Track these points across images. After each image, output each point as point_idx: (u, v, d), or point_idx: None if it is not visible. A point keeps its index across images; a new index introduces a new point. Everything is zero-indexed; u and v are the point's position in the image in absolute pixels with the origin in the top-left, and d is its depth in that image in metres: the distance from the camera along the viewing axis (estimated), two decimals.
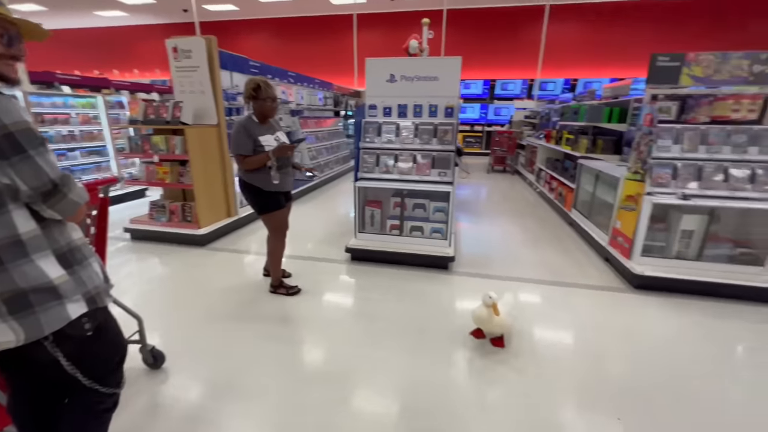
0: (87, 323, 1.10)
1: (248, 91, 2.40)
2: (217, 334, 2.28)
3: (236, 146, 2.38)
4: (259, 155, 2.39)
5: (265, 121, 2.53)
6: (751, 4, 10.28)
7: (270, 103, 2.43)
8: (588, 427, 1.62)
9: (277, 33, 13.25)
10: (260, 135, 2.42)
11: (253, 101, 2.42)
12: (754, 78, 2.74)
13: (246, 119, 2.44)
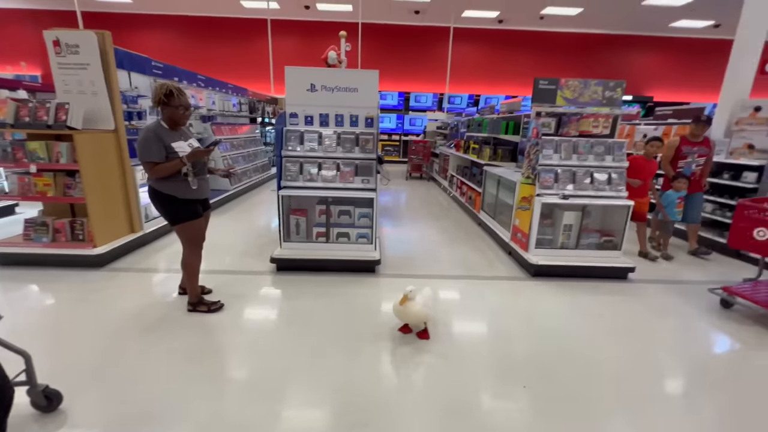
0: None
1: (159, 97, 2.23)
2: (127, 363, 2.04)
3: (146, 153, 2.19)
4: (172, 161, 2.23)
5: (175, 127, 2.37)
6: (605, 43, 12.76)
7: (182, 111, 2.30)
8: (501, 396, 1.88)
9: (182, 32, 12.22)
10: (172, 141, 2.27)
11: (164, 107, 2.26)
12: (605, 101, 3.45)
13: (155, 125, 2.26)
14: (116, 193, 3.51)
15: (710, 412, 1.82)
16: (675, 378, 2.08)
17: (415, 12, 11.18)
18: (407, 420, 1.70)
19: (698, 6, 9.82)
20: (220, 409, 1.74)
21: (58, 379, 1.74)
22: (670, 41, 12.76)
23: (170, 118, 2.30)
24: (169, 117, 2.30)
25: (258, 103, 8.38)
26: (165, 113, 2.29)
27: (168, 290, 2.91)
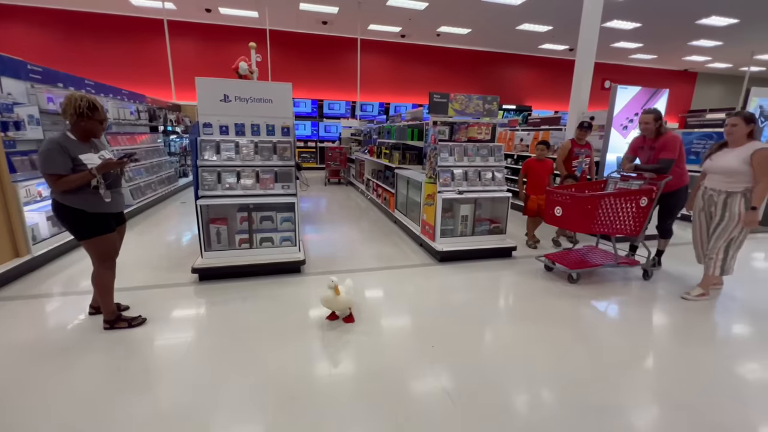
0: None
1: (80, 108, 2.16)
2: (39, 391, 1.95)
3: (50, 165, 2.10)
4: (80, 173, 2.17)
5: (87, 139, 2.31)
6: (492, 59, 14.70)
7: (101, 124, 2.26)
8: (415, 355, 2.28)
9: (59, 29, 10.63)
10: (81, 153, 2.21)
11: (85, 120, 2.19)
12: (485, 112, 4.20)
13: (61, 136, 2.18)
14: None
15: (523, 324, 2.49)
16: (505, 313, 2.75)
17: (323, 23, 11.51)
18: (337, 389, 1.99)
19: (557, 33, 12.01)
20: (169, 414, 1.81)
21: None
22: (540, 60, 15.27)
23: (86, 130, 2.24)
24: (84, 129, 2.23)
25: (159, 110, 7.79)
26: (80, 125, 2.22)
27: (74, 313, 2.72)
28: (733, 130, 2.92)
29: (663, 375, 2.17)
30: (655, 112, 3.48)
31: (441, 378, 2.08)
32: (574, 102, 5.71)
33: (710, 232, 3.15)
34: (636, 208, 3.35)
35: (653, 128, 3.50)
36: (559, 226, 3.65)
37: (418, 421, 1.77)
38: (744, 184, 2.90)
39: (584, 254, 3.82)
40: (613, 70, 15.85)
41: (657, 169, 3.43)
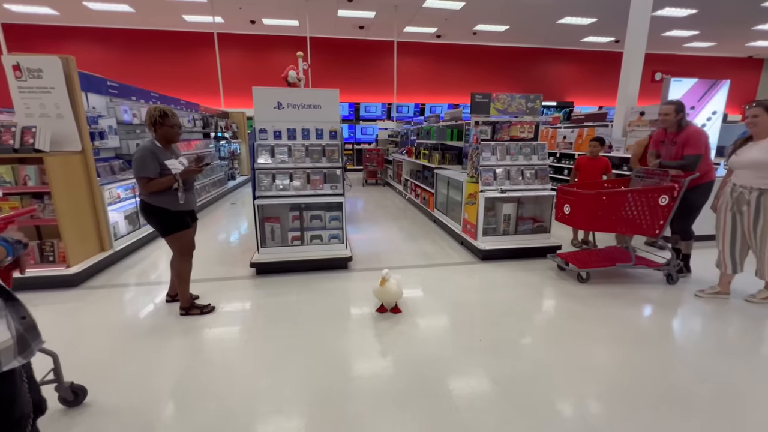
0: None
1: (153, 118, 2.48)
2: (137, 361, 2.25)
3: (142, 169, 2.42)
4: (165, 177, 2.48)
5: (168, 146, 2.62)
6: (530, 55, 14.33)
7: (176, 129, 2.56)
8: (461, 348, 2.37)
9: (119, 46, 11.71)
10: (166, 159, 2.51)
11: (159, 127, 2.50)
12: (528, 111, 4.18)
13: (151, 144, 2.50)
14: (86, 212, 3.56)
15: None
16: (549, 311, 2.73)
17: (359, 27, 11.79)
18: (393, 371, 2.13)
19: (601, 25, 11.50)
20: (238, 384, 2.04)
21: (78, 377, 1.93)
22: (582, 54, 14.66)
23: (164, 136, 2.55)
24: (163, 136, 2.54)
25: (211, 117, 8.38)
26: (159, 132, 2.53)
27: (152, 300, 3.07)
28: (756, 121, 2.72)
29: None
30: (675, 104, 3.25)
31: (490, 369, 2.16)
32: (622, 96, 5.51)
33: (742, 232, 2.90)
34: (654, 206, 3.17)
35: (674, 120, 3.26)
36: (567, 224, 3.55)
37: (469, 405, 1.86)
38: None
39: (602, 254, 3.69)
40: (665, 60, 14.87)
41: (683, 166, 3.23)
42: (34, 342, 1.17)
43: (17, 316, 1.13)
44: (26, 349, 1.13)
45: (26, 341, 1.13)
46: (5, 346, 1.06)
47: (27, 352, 1.13)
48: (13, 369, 1.10)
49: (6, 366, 1.05)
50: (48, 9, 9.98)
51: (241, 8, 10.02)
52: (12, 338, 1.08)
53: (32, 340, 1.15)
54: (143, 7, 9.81)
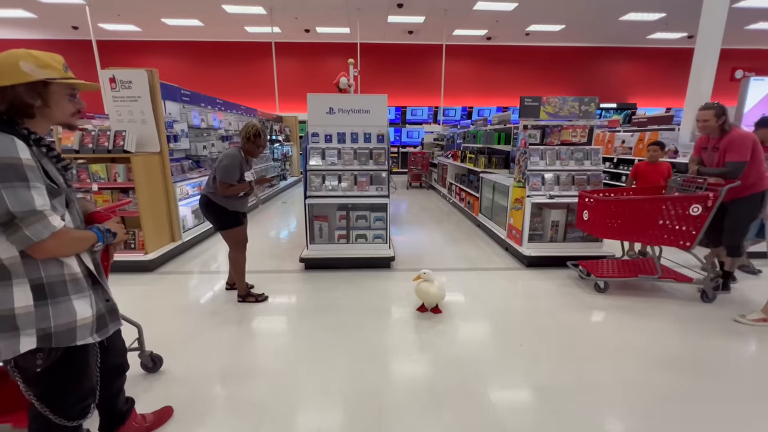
0: (39, 360, 1.13)
1: (249, 134, 2.82)
2: (204, 337, 2.53)
3: (229, 175, 2.73)
4: (242, 185, 2.81)
5: (248, 158, 2.93)
6: (588, 55, 13.58)
7: (261, 150, 2.90)
8: (502, 352, 2.37)
9: (188, 56, 12.90)
10: (246, 170, 2.84)
11: (250, 143, 2.83)
12: (582, 114, 4.02)
13: (239, 153, 2.82)
14: (161, 206, 4.02)
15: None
16: (595, 321, 2.59)
17: (408, 32, 11.94)
18: (435, 370, 2.19)
19: (671, 20, 10.63)
20: (287, 366, 2.22)
21: (154, 349, 2.22)
22: (648, 51, 13.60)
23: (249, 151, 2.88)
24: (248, 150, 2.88)
25: (267, 122, 8.96)
26: (247, 147, 2.86)
27: (215, 287, 3.40)
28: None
29: None
30: (715, 107, 2.94)
31: (530, 374, 2.14)
32: (692, 96, 5.08)
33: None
34: (684, 216, 2.89)
35: (715, 126, 2.96)
36: (585, 231, 3.32)
37: (506, 407, 1.87)
38: None
39: (626, 265, 3.46)
40: (748, 56, 13.34)
41: (724, 174, 2.93)
42: (112, 323, 1.31)
43: (102, 298, 1.28)
44: (103, 328, 1.26)
45: (105, 321, 1.28)
46: (85, 322, 1.18)
47: (103, 331, 1.26)
48: (88, 346, 1.23)
49: (80, 341, 1.17)
50: (132, 26, 11.28)
51: (297, 18, 10.60)
52: (92, 317, 1.21)
53: (111, 321, 1.31)
54: (211, 20, 10.74)
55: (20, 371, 1.16)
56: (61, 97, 1.18)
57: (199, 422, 1.79)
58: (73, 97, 1.23)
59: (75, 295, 1.18)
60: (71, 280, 1.18)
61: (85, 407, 1.29)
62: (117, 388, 1.56)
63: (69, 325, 1.16)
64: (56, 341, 1.13)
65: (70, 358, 1.20)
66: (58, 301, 1.14)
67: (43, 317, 1.11)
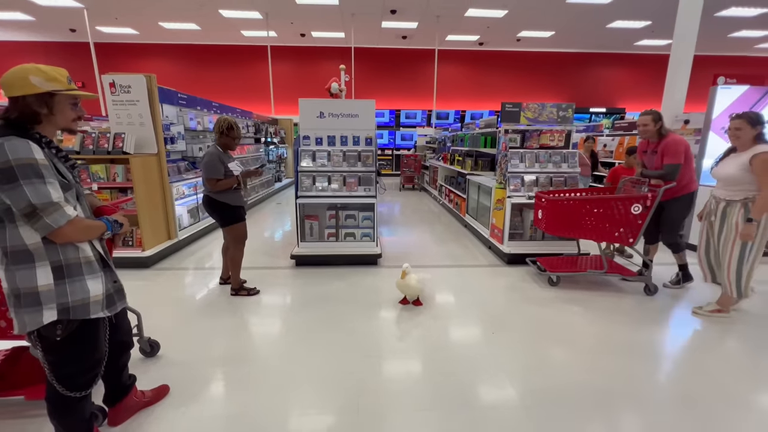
0: (59, 330, 1.32)
1: (222, 128, 2.97)
2: (199, 326, 2.71)
3: (212, 171, 2.90)
4: (230, 179, 2.96)
5: (226, 151, 3.10)
6: (578, 60, 13.90)
7: (237, 141, 3.06)
8: (476, 339, 2.57)
9: (185, 59, 13.06)
10: (228, 162, 3.00)
11: (224, 137, 2.99)
12: (559, 120, 4.25)
13: (216, 150, 2.98)
14: (158, 205, 4.19)
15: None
16: (565, 311, 2.80)
17: (402, 37, 12.18)
18: (409, 354, 2.39)
19: (656, 27, 10.95)
20: (277, 353, 2.41)
21: (152, 336, 2.39)
22: (636, 57, 13.94)
23: (225, 144, 3.04)
24: (224, 143, 3.03)
25: (262, 124, 9.14)
26: (222, 140, 3.02)
27: (210, 282, 3.57)
28: (738, 134, 2.64)
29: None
30: (653, 113, 3.23)
31: (499, 357, 2.34)
32: (668, 102, 5.34)
33: (715, 244, 2.87)
34: (627, 215, 3.14)
35: (653, 130, 3.23)
36: (541, 229, 3.56)
37: (474, 384, 2.07)
38: (744, 192, 2.62)
39: (578, 261, 3.73)
40: (733, 63, 13.72)
41: (662, 176, 3.19)
42: (120, 301, 1.53)
43: (110, 279, 1.49)
44: (112, 305, 1.47)
45: (113, 299, 1.48)
46: (97, 299, 1.38)
47: (112, 308, 1.47)
48: (99, 320, 1.43)
49: (94, 314, 1.38)
50: (130, 29, 11.44)
51: (293, 23, 10.81)
52: (102, 294, 1.41)
53: (118, 299, 1.52)
54: (207, 24, 10.92)
55: (42, 340, 1.34)
56: (64, 105, 1.37)
57: (194, 400, 1.97)
58: (75, 106, 1.41)
59: (88, 276, 1.38)
60: (85, 262, 1.37)
61: (92, 377, 1.47)
62: (122, 363, 1.74)
63: (84, 300, 1.35)
64: (73, 314, 1.33)
65: (84, 330, 1.39)
66: (74, 280, 1.33)
67: (62, 294, 1.30)
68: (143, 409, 1.85)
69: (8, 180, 1.19)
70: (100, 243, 1.47)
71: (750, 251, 2.69)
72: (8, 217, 1.24)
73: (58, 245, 1.30)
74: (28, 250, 1.26)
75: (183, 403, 1.94)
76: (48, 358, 1.37)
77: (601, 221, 3.28)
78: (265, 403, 1.96)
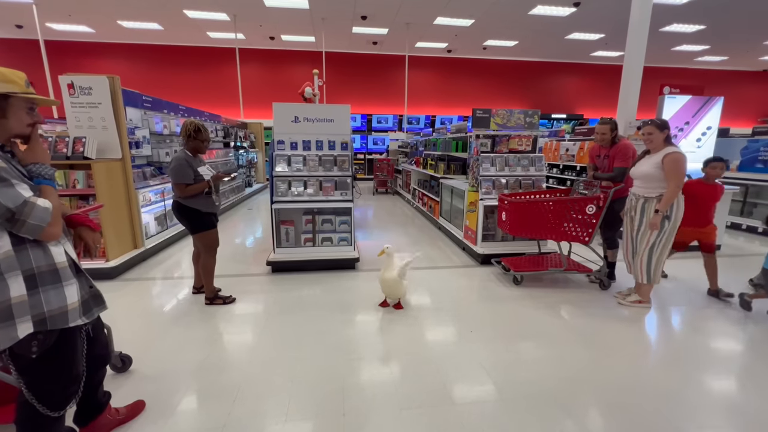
0: (35, 347, 1.25)
1: (189, 131, 2.87)
2: (172, 338, 2.60)
3: (181, 176, 2.80)
4: (200, 183, 2.86)
5: (196, 155, 3.01)
6: (540, 69, 14.61)
7: (206, 144, 2.96)
8: (454, 337, 2.64)
9: (146, 60, 12.50)
10: (198, 167, 2.90)
11: (192, 140, 2.89)
12: (526, 125, 4.47)
13: (185, 154, 2.88)
14: (123, 213, 3.98)
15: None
16: (539, 306, 2.97)
17: (373, 43, 12.30)
18: (391, 355, 2.42)
19: (609, 40, 11.74)
20: (257, 361, 2.36)
21: (124, 350, 2.28)
22: (592, 67, 14.87)
23: (194, 148, 2.94)
24: (193, 147, 2.93)
25: (231, 128, 8.90)
26: (191, 144, 2.92)
27: (180, 292, 3.44)
28: (650, 138, 2.98)
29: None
30: (611, 123, 3.54)
31: (477, 354, 2.43)
32: (622, 110, 5.73)
33: (633, 238, 3.17)
34: (582, 215, 3.40)
35: (609, 138, 3.55)
36: (504, 230, 3.77)
37: (456, 381, 2.14)
38: (659, 189, 2.94)
39: (540, 260, 3.95)
40: (677, 74, 14.95)
41: (612, 177, 3.49)
42: (96, 307, 1.48)
43: (86, 285, 1.44)
44: (89, 311, 1.42)
45: (89, 305, 1.44)
46: (73, 306, 1.33)
47: (89, 314, 1.42)
48: (76, 332, 1.39)
49: (72, 322, 1.32)
50: (85, 27, 10.80)
51: (262, 26, 10.64)
52: (78, 301, 1.36)
53: (95, 305, 1.47)
54: (171, 24, 10.52)
55: (15, 360, 1.26)
56: (19, 109, 1.30)
57: (172, 414, 1.90)
58: (32, 111, 1.35)
59: (63, 282, 1.31)
60: (59, 269, 1.31)
61: (71, 394, 1.40)
62: (98, 380, 1.65)
63: (61, 309, 1.29)
64: (51, 324, 1.26)
65: (61, 344, 1.32)
66: (48, 288, 1.27)
67: (36, 304, 1.24)
68: (118, 427, 1.76)
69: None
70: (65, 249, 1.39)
71: (660, 241, 2.97)
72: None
73: (29, 252, 1.24)
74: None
75: (160, 418, 1.87)
76: (24, 378, 1.29)
77: (560, 221, 3.48)
78: (248, 412, 1.92)
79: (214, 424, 1.83)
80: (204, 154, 3.07)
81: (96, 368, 1.60)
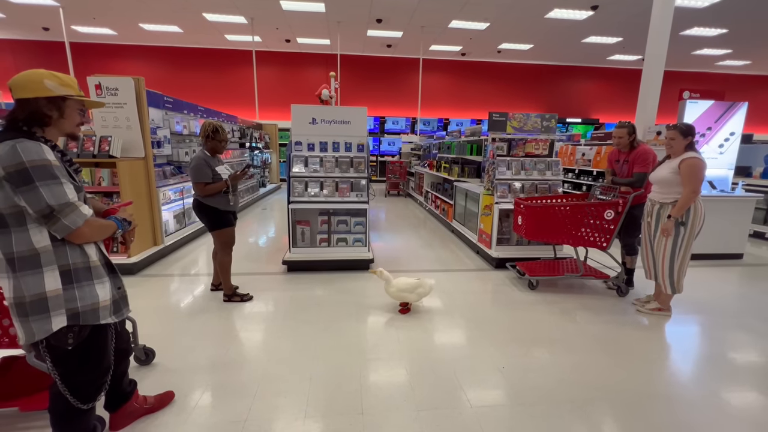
0: (70, 339, 1.30)
1: (207, 132, 2.95)
2: (193, 333, 2.66)
3: (200, 176, 2.87)
4: (218, 182, 2.93)
5: (215, 155, 3.08)
6: (555, 73, 14.47)
7: (224, 144, 3.03)
8: (469, 340, 2.64)
9: (166, 62, 12.79)
10: (216, 166, 2.98)
11: (210, 141, 2.97)
12: (543, 129, 4.45)
13: (204, 154, 2.96)
14: (145, 210, 4.09)
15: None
16: (556, 312, 2.94)
17: (387, 46, 12.37)
18: (405, 355, 2.43)
19: (627, 44, 11.57)
20: (276, 359, 2.40)
21: (148, 343, 2.34)
22: (609, 71, 14.66)
23: (213, 148, 3.02)
24: (212, 147, 3.01)
25: (247, 129, 9.05)
26: (209, 144, 3.00)
27: (200, 288, 3.51)
28: (672, 143, 2.92)
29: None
30: (628, 126, 3.48)
31: (493, 357, 2.42)
32: (641, 115, 5.64)
33: (651, 244, 3.11)
34: (600, 220, 3.35)
35: (627, 142, 3.49)
36: (519, 235, 3.71)
37: (472, 384, 2.14)
38: (675, 195, 2.88)
39: (556, 265, 3.89)
40: (697, 79, 14.64)
41: (631, 183, 3.43)
42: (125, 308, 1.55)
43: (115, 286, 1.49)
44: (119, 311, 1.49)
45: (119, 306, 1.50)
46: (105, 304, 1.39)
47: (119, 314, 1.48)
48: (107, 327, 1.44)
49: (103, 320, 1.38)
50: (108, 29, 11.12)
51: (278, 28, 10.80)
52: (109, 300, 1.42)
53: (123, 306, 1.53)
54: (190, 27, 10.76)
55: (51, 351, 1.32)
56: (73, 110, 1.40)
57: (196, 406, 1.95)
58: (81, 112, 1.44)
59: (96, 281, 1.38)
60: (92, 267, 1.37)
61: (101, 385, 1.46)
62: (122, 370, 1.71)
63: (93, 306, 1.34)
64: (83, 319, 1.32)
65: (93, 338, 1.38)
66: (83, 285, 1.33)
67: (71, 299, 1.29)
68: (146, 416, 1.82)
69: (24, 182, 1.19)
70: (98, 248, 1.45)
71: (680, 249, 2.92)
72: (16, 221, 1.23)
73: (66, 249, 1.29)
74: (36, 254, 1.24)
75: (183, 411, 1.92)
76: (58, 369, 1.35)
77: (577, 226, 3.44)
78: (268, 408, 1.96)
79: (236, 418, 1.87)
80: (222, 154, 3.14)
81: (119, 361, 1.65)
